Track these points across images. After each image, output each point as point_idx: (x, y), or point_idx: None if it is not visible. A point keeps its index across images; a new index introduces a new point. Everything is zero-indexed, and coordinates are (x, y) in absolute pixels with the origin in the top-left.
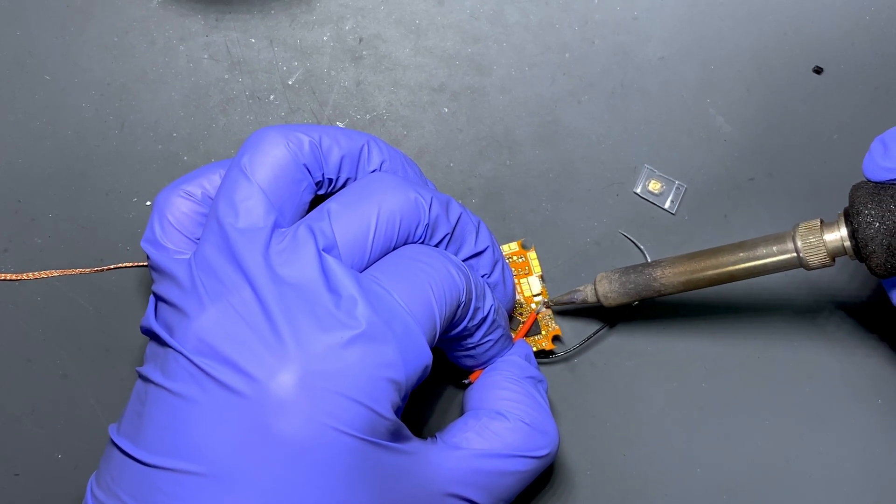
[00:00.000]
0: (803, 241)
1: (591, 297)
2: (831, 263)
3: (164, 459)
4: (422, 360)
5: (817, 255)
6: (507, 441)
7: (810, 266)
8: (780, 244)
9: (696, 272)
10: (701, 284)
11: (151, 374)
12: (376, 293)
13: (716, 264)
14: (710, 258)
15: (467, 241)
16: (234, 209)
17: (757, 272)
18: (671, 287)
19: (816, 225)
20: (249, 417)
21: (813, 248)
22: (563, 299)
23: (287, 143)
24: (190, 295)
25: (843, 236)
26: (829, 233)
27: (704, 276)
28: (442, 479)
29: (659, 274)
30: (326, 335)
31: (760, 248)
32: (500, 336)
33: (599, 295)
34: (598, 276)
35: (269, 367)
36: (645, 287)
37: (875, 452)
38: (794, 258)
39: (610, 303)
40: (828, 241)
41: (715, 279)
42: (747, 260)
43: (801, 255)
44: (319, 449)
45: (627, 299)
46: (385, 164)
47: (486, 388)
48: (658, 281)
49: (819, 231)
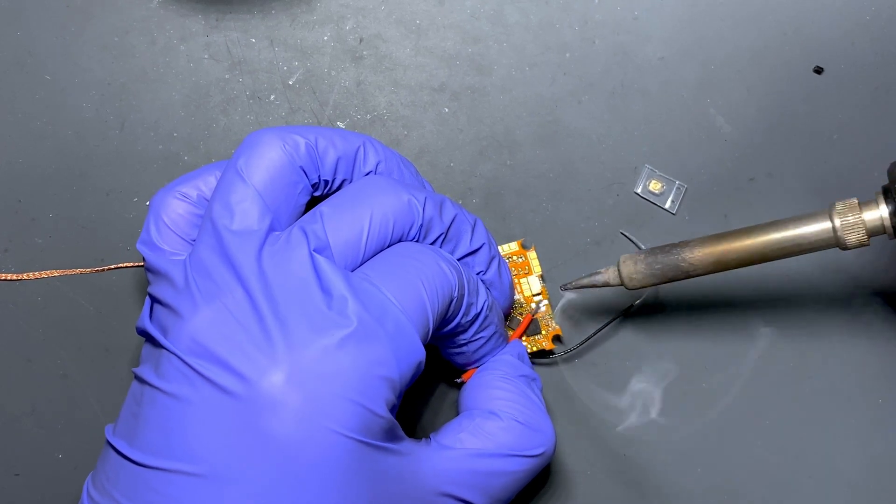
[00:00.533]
0: (842, 219)
1: (613, 280)
2: (868, 242)
3: (159, 460)
4: (415, 356)
5: (856, 234)
6: (500, 440)
7: (847, 245)
8: (816, 222)
9: (728, 252)
10: (732, 265)
11: (146, 374)
12: (367, 291)
13: (748, 244)
14: (741, 238)
15: (463, 239)
16: (229, 211)
17: (791, 251)
18: (701, 267)
19: (855, 203)
20: (242, 417)
21: (851, 226)
22: (584, 282)
23: (283, 145)
24: (184, 296)
25: (883, 215)
26: (868, 211)
27: (736, 256)
28: (436, 479)
29: (688, 254)
30: (318, 334)
31: (796, 226)
32: (492, 333)
33: (623, 276)
34: (623, 258)
35: (261, 367)
36: (672, 268)
37: (875, 452)
38: (832, 237)
39: (634, 284)
40: (867, 219)
41: (747, 259)
42: (781, 238)
43: (840, 233)
44: (312, 449)
45: (654, 281)
46: (381, 165)
47: (479, 388)
48: (687, 261)
49: (858, 209)
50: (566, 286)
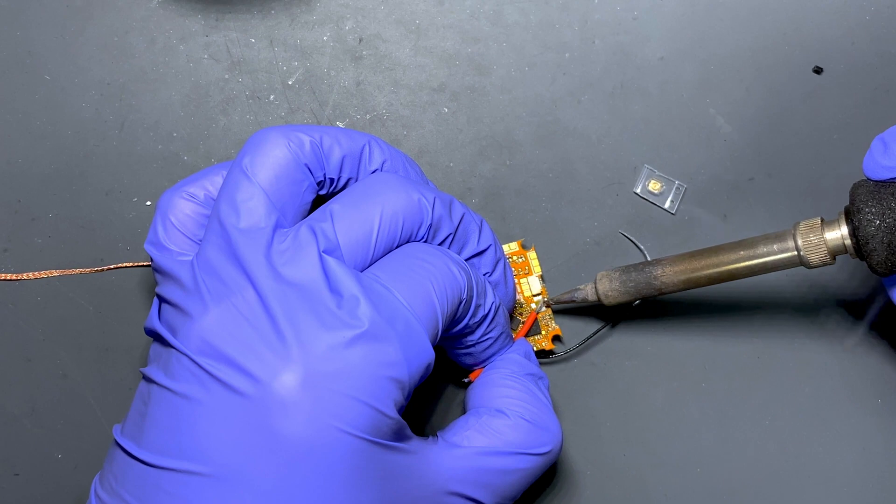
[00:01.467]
0: (804, 239)
1: (591, 296)
2: (832, 262)
3: (168, 460)
4: (424, 357)
5: (818, 254)
6: (508, 438)
7: (811, 264)
8: (780, 242)
9: (697, 270)
10: (701, 283)
11: (155, 374)
12: (378, 292)
13: (716, 263)
14: (710, 257)
15: (470, 240)
16: (235, 210)
17: (758, 270)
18: (671, 286)
19: (817, 223)
20: (253, 418)
21: (814, 246)
22: (564, 298)
23: (288, 144)
24: (193, 296)
25: (843, 234)
26: (829, 231)
27: (704, 275)
28: (444, 477)
29: (659, 272)
30: (329, 335)
31: (761, 246)
32: (499, 334)
33: (599, 293)
34: (599, 275)
35: (272, 368)
36: (645, 285)
37: (875, 452)
38: (795, 256)
39: (610, 301)
40: (828, 239)
41: (715, 278)
42: (748, 258)
43: (802, 253)
44: (323, 449)
45: (628, 298)
46: (386, 163)
47: (486, 387)
48: (658, 279)
49: (820, 229)
50: (549, 303)
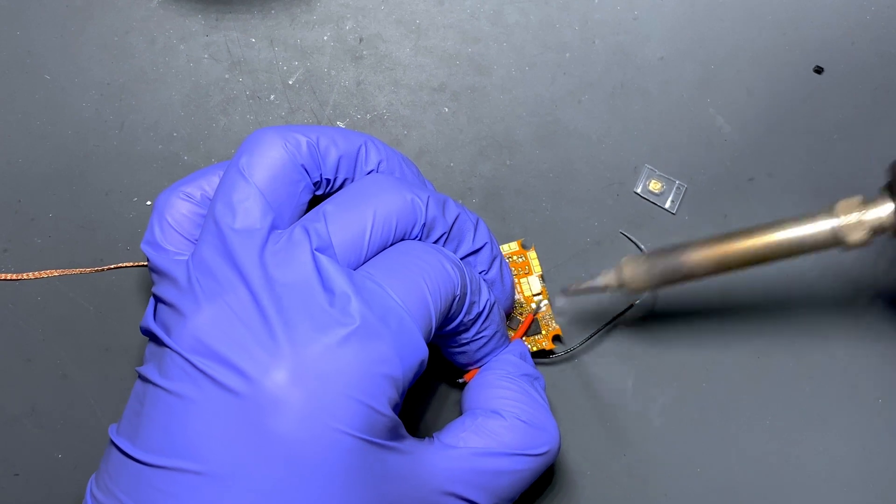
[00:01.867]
0: (844, 217)
1: (613, 283)
2: (870, 241)
3: (162, 458)
4: (418, 354)
5: (858, 232)
6: (503, 440)
7: (849, 243)
8: (818, 221)
9: (729, 254)
10: (733, 266)
11: (149, 373)
12: (370, 289)
13: (749, 245)
14: (742, 239)
15: (465, 238)
16: (231, 210)
17: (793, 252)
18: (701, 270)
19: (857, 201)
20: (245, 416)
21: (854, 224)
22: (583, 286)
23: (285, 144)
24: (186, 295)
25: (887, 213)
26: (871, 209)
27: (737, 258)
28: (440, 478)
29: (688, 256)
30: (321, 333)
31: (797, 226)
32: (494, 332)
33: (625, 279)
34: (624, 260)
35: (264, 366)
36: (673, 270)
37: (875, 452)
38: (833, 236)
39: (636, 287)
40: (870, 217)
41: (748, 260)
42: (783, 239)
43: (842, 231)
44: (315, 447)
45: (655, 283)
46: (383, 164)
47: (481, 388)
48: (688, 264)
49: (860, 207)
50: (567, 290)
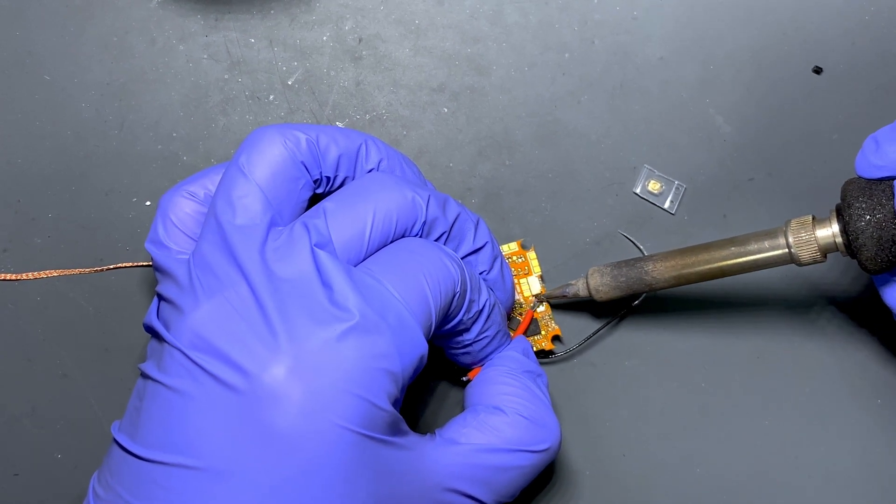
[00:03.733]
0: (795, 236)
1: (582, 291)
2: (823, 259)
3: (161, 454)
4: (417, 350)
5: (808, 251)
6: (505, 435)
7: (801, 262)
8: (771, 240)
9: (687, 266)
10: (692, 279)
11: (149, 369)
12: (369, 285)
13: (707, 259)
14: (701, 253)
15: (466, 238)
16: (231, 206)
17: (748, 268)
18: (662, 281)
19: (808, 221)
20: (244, 411)
21: (804, 243)
22: (556, 293)
23: (285, 142)
24: (187, 291)
25: (834, 232)
26: (820, 228)
27: (695, 271)
28: (441, 473)
29: (651, 268)
30: (320, 328)
31: (752, 243)
32: (496, 332)
33: (591, 288)
34: (591, 270)
35: (262, 361)
36: (636, 281)
37: (875, 452)
38: (786, 254)
39: (601, 296)
40: (819, 236)
41: (706, 274)
42: (738, 255)
43: (793, 250)
44: (315, 442)
45: (619, 293)
46: (383, 162)
47: (484, 384)
48: (650, 275)
49: (811, 227)
50: (540, 297)
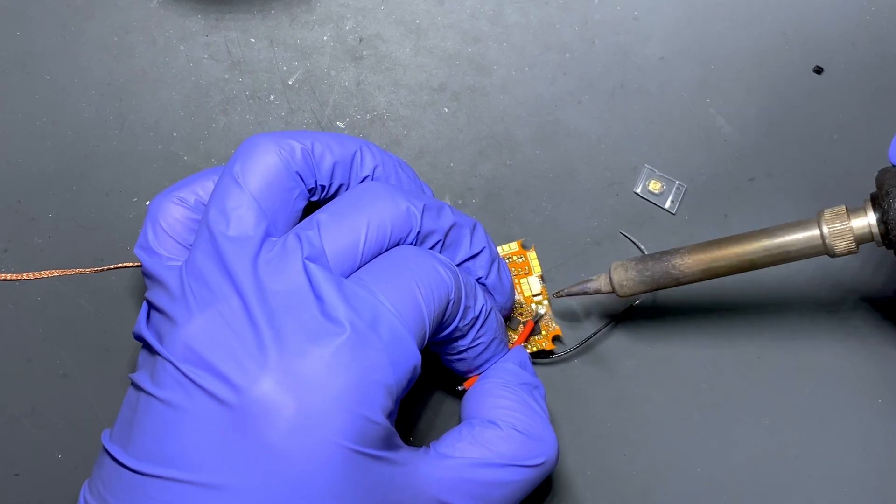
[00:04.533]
0: (829, 226)
1: (605, 287)
2: (856, 250)
3: (154, 467)
4: (410, 360)
5: (844, 242)
6: (499, 450)
7: (836, 252)
8: (805, 230)
9: (717, 260)
10: (721, 272)
11: (142, 381)
12: (360, 296)
13: (738, 252)
14: (731, 245)
15: (462, 244)
16: (225, 217)
17: (780, 259)
18: (690, 275)
19: (843, 211)
20: (236, 426)
21: (839, 234)
22: (575, 289)
23: (279, 151)
24: (179, 302)
25: (871, 222)
26: (856, 218)
27: (725, 264)
28: (433, 488)
29: (678, 261)
30: (311, 342)
31: (784, 234)
32: (491, 339)
33: (615, 284)
34: (614, 265)
35: (252, 375)
36: (663, 275)
37: (876, 453)
38: (820, 245)
39: (626, 292)
40: (855, 226)
41: (736, 266)
42: (771, 247)
43: (827, 241)
44: (307, 458)
45: (644, 288)
46: (378, 169)
47: (479, 396)
48: (677, 269)
49: (846, 216)
50: (559, 293)
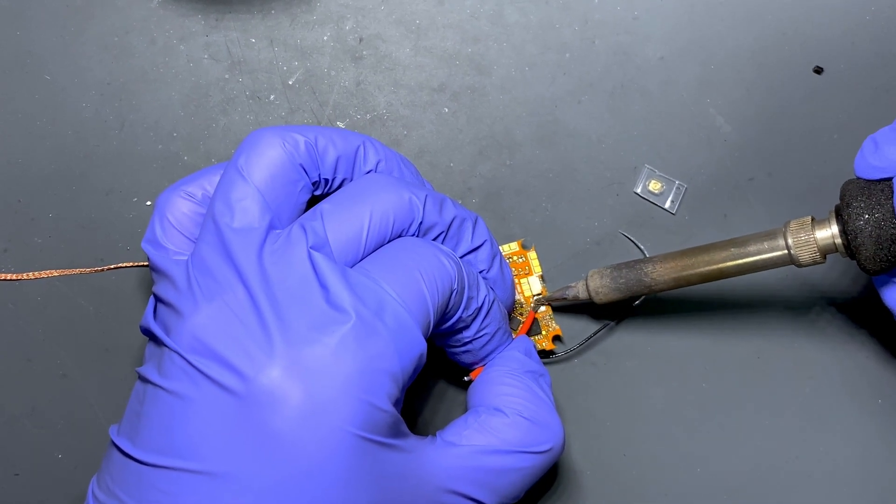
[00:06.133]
0: (794, 237)
1: (582, 294)
2: (822, 261)
3: (162, 458)
4: (416, 348)
5: (808, 252)
6: (506, 437)
7: (801, 263)
8: (771, 241)
9: (687, 268)
10: (692, 281)
11: (149, 373)
12: (365, 285)
13: (707, 261)
14: (701, 255)
15: (464, 237)
16: (230, 209)
17: (748, 269)
18: (662, 283)
19: (807, 222)
20: (244, 415)
21: (803, 244)
22: (556, 296)
23: (283, 144)
24: (185, 294)
25: (833, 233)
26: (819, 230)
27: (695, 273)
28: (441, 475)
29: (650, 269)
30: (317, 330)
31: (752, 244)
32: (496, 329)
33: (591, 290)
34: (590, 272)
35: (259, 364)
36: (636, 283)
37: (875, 452)
38: (785, 255)
39: (601, 299)
40: (819, 237)
41: (706, 276)
42: (738, 256)
43: (792, 252)
44: (315, 445)
45: (619, 295)
46: (381, 164)
47: (485, 385)
48: (649, 276)
49: (810, 228)
50: (539, 300)
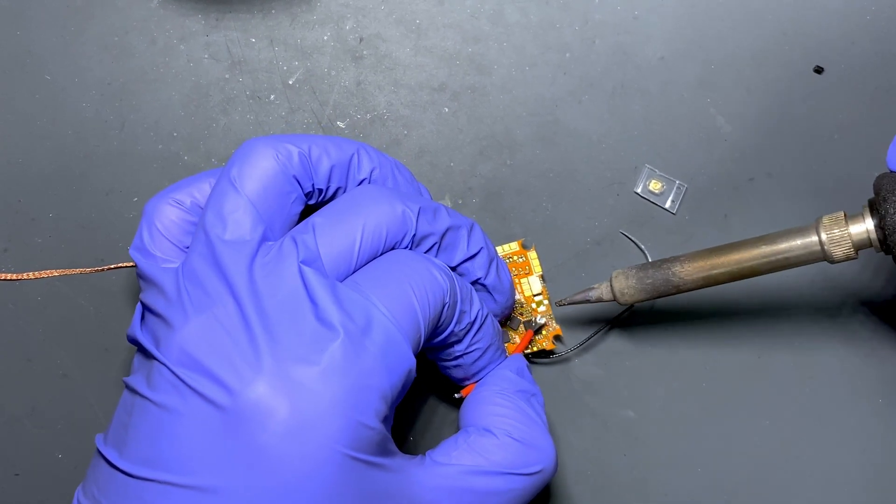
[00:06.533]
0: (828, 233)
1: (606, 295)
2: (855, 256)
3: (149, 471)
4: (405, 364)
5: (842, 248)
6: (495, 458)
7: (834, 259)
8: (803, 237)
9: (717, 267)
10: (721, 280)
11: (138, 385)
12: (355, 300)
13: (737, 259)
14: (730, 253)
15: (459, 246)
16: (222, 221)
17: (780, 266)
18: (690, 283)
19: (841, 217)
20: (231, 429)
21: (837, 240)
22: (577, 298)
23: (276, 155)
24: (175, 306)
25: (868, 228)
26: (854, 224)
27: (725, 272)
28: (429, 496)
29: (678, 269)
30: (305, 346)
31: (783, 241)
32: (488, 345)
33: (616, 291)
34: (615, 273)
35: (246, 379)
36: (663, 283)
37: (876, 452)
38: (819, 251)
39: (626, 300)
40: (853, 232)
41: (736, 274)
42: (770, 254)
43: (826, 247)
44: (301, 462)
45: (645, 296)
46: (375, 171)
47: (476, 404)
48: (677, 276)
49: (844, 223)
50: (561, 303)
